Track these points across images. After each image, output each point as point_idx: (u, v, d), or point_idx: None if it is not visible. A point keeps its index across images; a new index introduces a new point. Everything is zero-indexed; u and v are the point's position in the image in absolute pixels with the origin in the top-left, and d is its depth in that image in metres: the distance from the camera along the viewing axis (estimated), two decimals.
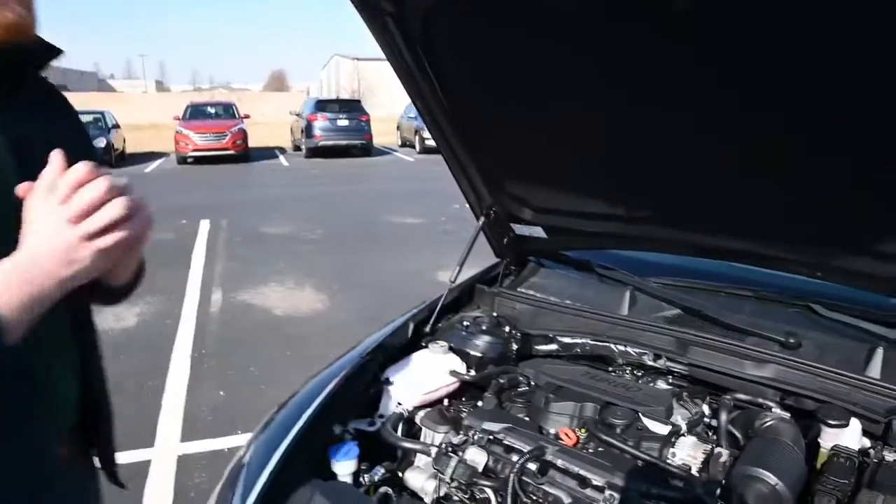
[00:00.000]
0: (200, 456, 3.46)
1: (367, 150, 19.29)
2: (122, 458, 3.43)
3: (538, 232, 2.27)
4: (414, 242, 8.04)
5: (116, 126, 19.20)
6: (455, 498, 1.64)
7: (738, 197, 1.76)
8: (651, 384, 1.94)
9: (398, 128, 23.20)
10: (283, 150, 21.42)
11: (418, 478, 1.71)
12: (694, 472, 1.49)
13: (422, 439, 1.94)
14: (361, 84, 43.03)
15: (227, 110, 20.18)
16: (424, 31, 1.76)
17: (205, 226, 9.32)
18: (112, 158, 17.44)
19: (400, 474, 1.78)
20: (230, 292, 6.35)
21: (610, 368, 2.10)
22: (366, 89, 40.57)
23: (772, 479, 1.35)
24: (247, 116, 20.05)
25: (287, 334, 5.25)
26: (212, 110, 20.12)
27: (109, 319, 5.58)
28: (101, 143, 17.08)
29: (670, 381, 1.97)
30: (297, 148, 21.01)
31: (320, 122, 18.81)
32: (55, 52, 1.14)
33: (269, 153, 20.53)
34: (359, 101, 21.62)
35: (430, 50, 1.82)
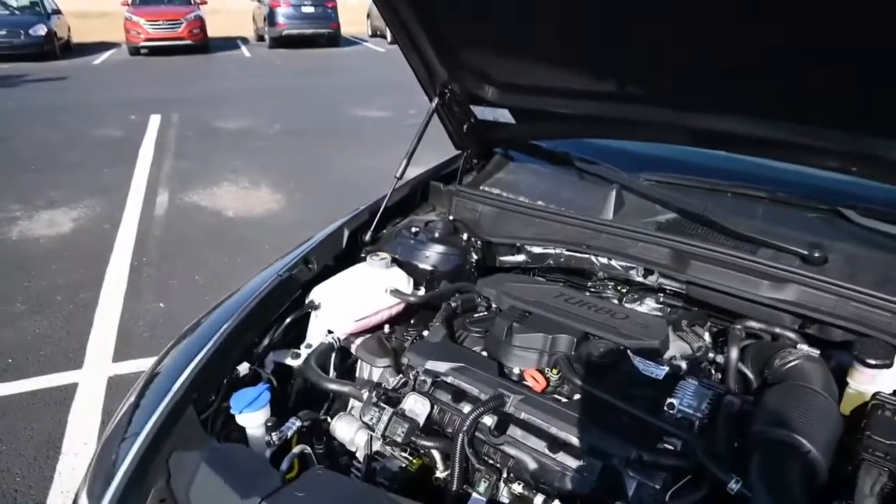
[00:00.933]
0: (134, 377, 3.08)
1: (335, 39, 18.05)
2: (46, 381, 3.09)
3: (504, 116, 1.81)
4: (379, 137, 7.44)
5: (58, 12, 17.51)
6: (392, 453, 1.30)
7: (747, 63, 1.31)
8: (640, 305, 1.58)
9: (368, 16, 21.66)
10: (245, 41, 19.92)
11: (347, 428, 1.36)
12: (697, 428, 1.14)
13: (358, 374, 1.58)
14: None
15: None
16: None
17: (155, 121, 8.57)
18: (56, 49, 16.01)
19: (329, 419, 1.43)
20: (178, 193, 5.82)
21: (589, 283, 1.73)
22: None
23: (803, 444, 1.00)
24: (203, 2, 18.42)
25: (238, 238, 4.81)
26: None
27: (41, 226, 5.06)
28: (40, 30, 15.60)
29: (661, 299, 1.61)
30: (260, 38, 19.54)
31: (284, 9, 17.37)
32: None
33: (230, 44, 19.05)
34: None
35: None
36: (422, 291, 1.70)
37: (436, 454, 1.20)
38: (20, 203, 5.53)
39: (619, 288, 1.70)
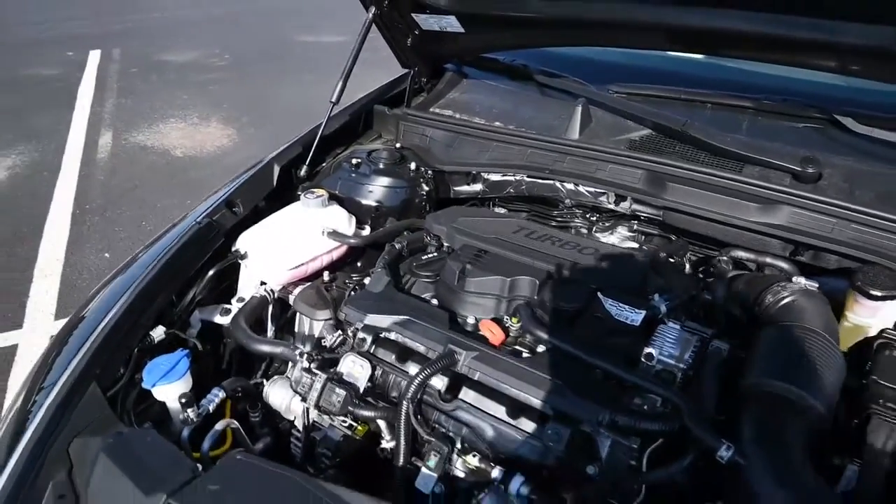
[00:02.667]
0: None
1: None
2: None
3: (452, 24, 1.56)
4: (335, 64, 7.03)
5: None
6: (331, 423, 1.13)
7: None
8: (612, 235, 1.40)
9: None
10: None
11: (282, 394, 1.18)
12: (680, 382, 0.98)
13: (297, 330, 1.39)
14: None
15: None
16: None
17: (94, 57, 7.97)
18: None
19: (265, 382, 1.25)
20: (122, 133, 5.43)
21: (555, 213, 1.55)
22: None
23: (805, 398, 0.85)
24: None
25: (188, 179, 4.52)
26: None
27: None
28: None
29: (636, 227, 1.44)
30: None
31: None
32: None
33: None
34: None
35: None
36: (366, 231, 1.50)
37: (383, 427, 1.04)
38: None
39: (588, 217, 1.51)
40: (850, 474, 0.85)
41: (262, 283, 1.39)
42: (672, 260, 1.25)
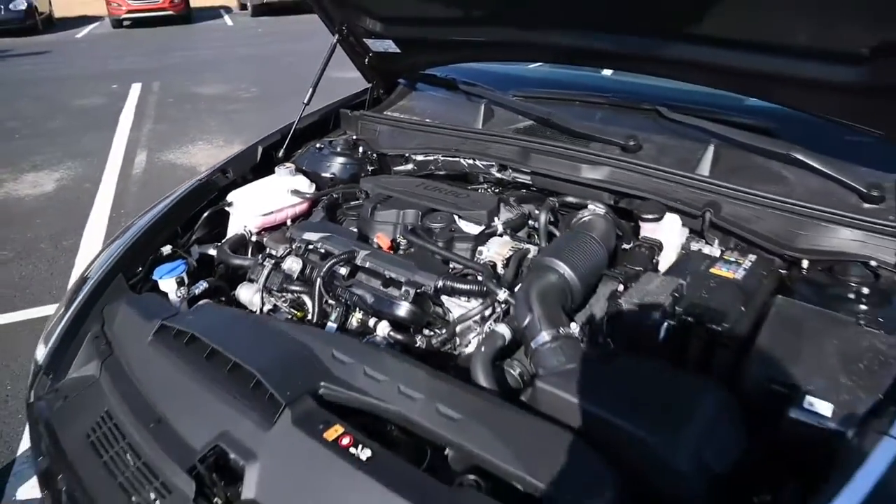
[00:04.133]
0: None
1: None
2: (33, 313, 3.43)
3: (390, 46, 2.12)
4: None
5: None
6: (283, 310, 1.64)
7: None
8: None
9: None
10: (228, 10, 19.92)
11: (247, 292, 1.70)
12: (500, 269, 1.48)
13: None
14: None
15: None
16: None
17: (136, 89, 8.82)
18: (38, 23, 16.10)
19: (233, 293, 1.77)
20: (155, 153, 6.13)
21: (469, 187, 2.06)
22: None
23: (561, 267, 1.35)
24: None
25: None
26: None
27: (26, 186, 5.39)
28: (20, 4, 15.66)
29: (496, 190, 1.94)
30: (242, 6, 19.52)
31: None
32: None
33: (213, 13, 19.10)
34: None
35: None
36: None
37: (306, 300, 1.55)
38: (5, 167, 5.84)
39: (492, 189, 2.03)
40: None
41: (245, 227, 1.93)
42: (521, 202, 1.75)
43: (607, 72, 2.25)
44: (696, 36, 1.52)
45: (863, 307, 1.22)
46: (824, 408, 1.00)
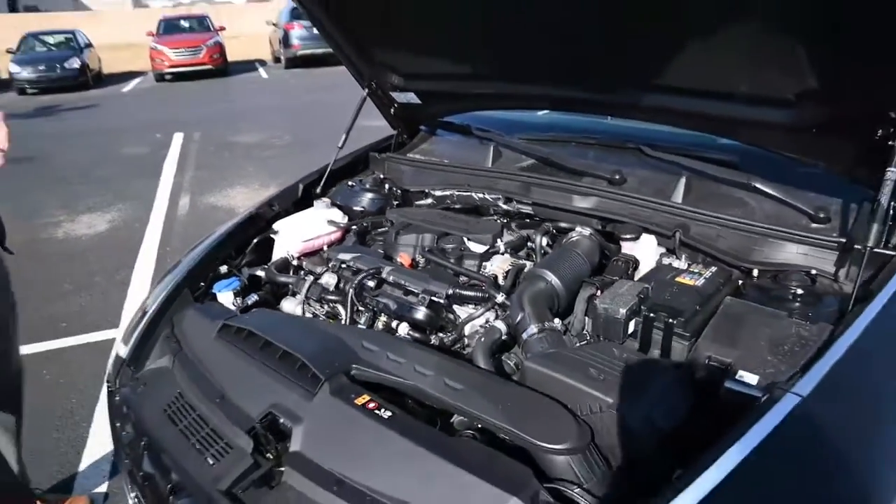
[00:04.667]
0: None
1: None
2: (92, 337, 3.79)
3: (413, 98, 2.47)
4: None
5: (90, 45, 18.79)
6: (320, 317, 1.95)
7: (575, 48, 1.92)
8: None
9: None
10: (263, 63, 21.01)
11: (290, 304, 2.01)
12: (501, 280, 1.77)
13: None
14: None
15: (202, 23, 19.69)
16: None
17: (178, 138, 9.45)
18: (89, 79, 17.20)
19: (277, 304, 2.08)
20: (197, 196, 6.60)
21: (483, 219, 2.37)
22: None
23: (549, 275, 1.64)
24: (222, 29, 19.58)
25: None
26: (185, 24, 19.62)
27: (82, 227, 5.87)
28: (74, 63, 16.81)
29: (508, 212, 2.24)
30: (276, 60, 20.61)
31: (297, 31, 18.35)
32: None
33: (248, 66, 20.16)
34: None
35: None
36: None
37: (340, 309, 1.85)
38: (63, 210, 6.36)
39: (501, 220, 2.33)
40: None
41: (288, 252, 2.25)
42: (522, 228, 2.04)
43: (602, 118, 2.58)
44: (666, 87, 1.83)
45: (797, 305, 1.47)
46: (751, 379, 1.26)
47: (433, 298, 1.69)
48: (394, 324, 1.73)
